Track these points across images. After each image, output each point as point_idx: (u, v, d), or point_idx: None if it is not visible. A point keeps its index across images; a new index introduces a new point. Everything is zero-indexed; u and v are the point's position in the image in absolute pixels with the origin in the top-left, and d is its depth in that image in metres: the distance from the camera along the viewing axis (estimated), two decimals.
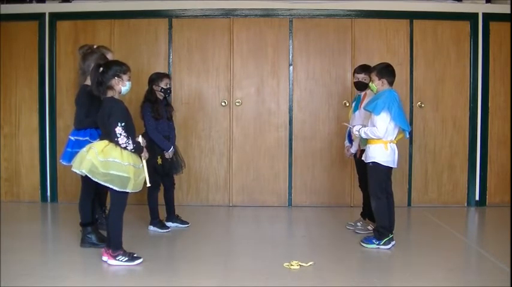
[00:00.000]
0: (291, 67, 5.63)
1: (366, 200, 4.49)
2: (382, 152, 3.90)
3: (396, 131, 3.95)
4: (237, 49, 5.63)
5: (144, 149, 3.57)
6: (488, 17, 5.61)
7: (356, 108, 4.40)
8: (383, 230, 3.96)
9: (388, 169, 3.98)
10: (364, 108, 4.07)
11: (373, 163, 3.93)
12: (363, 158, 4.08)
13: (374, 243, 3.98)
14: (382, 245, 3.95)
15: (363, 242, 4.05)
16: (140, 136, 3.61)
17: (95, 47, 4.08)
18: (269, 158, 5.67)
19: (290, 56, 5.63)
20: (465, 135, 5.67)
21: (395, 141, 3.96)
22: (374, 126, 3.87)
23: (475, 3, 5.63)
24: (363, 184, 4.46)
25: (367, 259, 3.81)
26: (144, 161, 3.57)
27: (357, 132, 4.03)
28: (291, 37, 5.63)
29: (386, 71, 3.96)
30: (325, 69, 5.64)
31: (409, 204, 5.65)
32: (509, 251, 3.70)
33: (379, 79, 3.94)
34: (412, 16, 5.58)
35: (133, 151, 3.45)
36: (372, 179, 3.98)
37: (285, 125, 5.66)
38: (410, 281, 3.27)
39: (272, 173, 5.67)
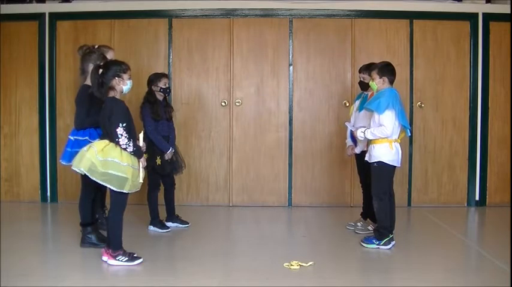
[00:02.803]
0: (291, 67, 5.63)
1: (366, 200, 4.49)
2: (388, 151, 3.88)
3: (399, 130, 3.94)
4: (237, 49, 5.63)
5: (143, 157, 3.56)
6: (488, 17, 5.61)
7: (361, 107, 4.32)
8: (383, 231, 3.96)
9: (393, 169, 3.97)
10: (366, 107, 4.04)
11: (379, 162, 3.91)
12: (366, 159, 4.05)
13: (374, 243, 3.98)
14: (382, 245, 3.95)
15: (363, 242, 4.05)
16: (142, 134, 3.60)
17: (95, 47, 4.08)
18: (269, 158, 5.67)
19: (290, 56, 5.63)
20: (465, 136, 5.66)
21: (399, 141, 3.95)
22: (380, 125, 3.84)
23: (475, 3, 5.63)
24: (364, 184, 4.46)
25: (367, 259, 3.81)
26: (140, 163, 3.55)
27: (362, 134, 3.96)
28: (291, 37, 5.62)
29: (387, 70, 3.96)
30: (325, 69, 5.64)
31: (409, 204, 5.65)
32: (509, 251, 3.70)
33: (380, 77, 3.93)
34: (412, 16, 5.58)
35: (132, 153, 3.45)
36: (376, 179, 3.95)
37: (285, 125, 5.65)
38: (411, 281, 3.27)
39: (272, 173, 5.67)
